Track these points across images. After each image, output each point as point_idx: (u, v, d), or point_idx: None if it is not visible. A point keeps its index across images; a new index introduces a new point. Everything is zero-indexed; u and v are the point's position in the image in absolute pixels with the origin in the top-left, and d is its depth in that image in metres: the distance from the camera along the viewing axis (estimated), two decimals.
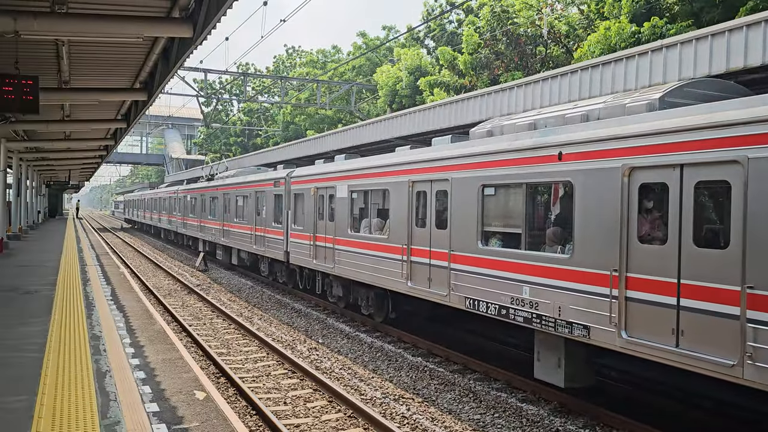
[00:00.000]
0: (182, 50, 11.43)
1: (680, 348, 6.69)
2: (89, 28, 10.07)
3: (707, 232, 7.06)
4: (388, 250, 12.48)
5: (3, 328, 9.31)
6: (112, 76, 15.30)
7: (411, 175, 11.81)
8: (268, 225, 19.71)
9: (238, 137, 63.63)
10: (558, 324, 8.27)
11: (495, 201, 10.01)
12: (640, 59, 12.70)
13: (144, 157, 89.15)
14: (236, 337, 13.38)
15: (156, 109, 72.66)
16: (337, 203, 14.90)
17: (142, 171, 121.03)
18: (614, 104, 8.40)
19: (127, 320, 11.50)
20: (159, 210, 44.09)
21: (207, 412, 6.67)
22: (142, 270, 25.21)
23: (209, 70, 32.57)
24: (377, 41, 45.38)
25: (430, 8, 37.16)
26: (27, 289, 13.21)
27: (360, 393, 9.50)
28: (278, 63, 62.71)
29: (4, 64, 11.57)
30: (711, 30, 11.47)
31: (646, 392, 9.32)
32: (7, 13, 9.39)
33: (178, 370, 8.26)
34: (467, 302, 10.07)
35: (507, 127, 10.09)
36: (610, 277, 7.48)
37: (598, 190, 7.76)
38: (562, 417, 8.53)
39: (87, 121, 21.87)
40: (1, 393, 6.30)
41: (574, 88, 14.19)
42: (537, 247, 9.05)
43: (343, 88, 38.85)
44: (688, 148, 6.70)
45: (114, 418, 5.83)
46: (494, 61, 26.95)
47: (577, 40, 24.36)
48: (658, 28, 17.61)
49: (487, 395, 9.46)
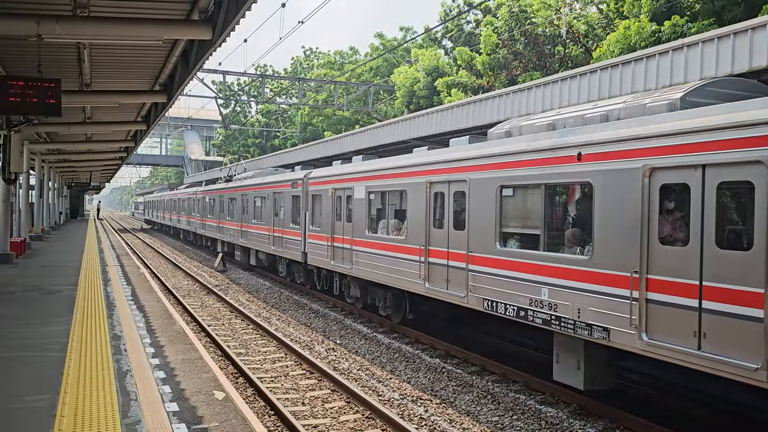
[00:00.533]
0: (201, 52, 11.52)
1: (702, 351, 6.60)
2: (110, 31, 10.18)
3: (730, 234, 6.96)
4: (406, 251, 12.46)
5: (26, 328, 9.45)
6: (133, 79, 15.47)
7: (429, 176, 11.79)
8: (286, 226, 19.79)
9: (257, 138, 64.00)
10: (577, 326, 8.20)
11: (513, 202, 9.96)
12: (661, 58, 12.56)
13: (163, 158, 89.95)
14: (254, 337, 13.45)
15: (175, 111, 73.31)
16: (355, 204, 14.92)
17: (161, 172, 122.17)
18: (634, 104, 8.32)
19: (147, 320, 11.61)
20: (178, 211, 44.47)
21: (226, 412, 6.71)
22: (161, 270, 25.44)
23: (228, 72, 32.78)
24: (395, 42, 45.40)
25: (447, 9, 37.10)
26: (49, 289, 13.39)
27: (378, 394, 9.50)
28: (296, 64, 63.00)
29: (28, 67, 11.75)
30: (733, 28, 11.31)
31: (667, 395, 9.20)
32: (30, 17, 9.52)
33: (197, 370, 8.32)
34: (485, 304, 10.03)
35: (525, 127, 10.03)
36: (631, 279, 7.40)
37: (618, 190, 7.68)
38: (581, 420, 8.45)
39: (108, 123, 22.12)
40: (25, 392, 6.39)
41: (594, 88, 14.07)
42: (556, 249, 8.98)
43: (360, 89, 38.92)
44: (710, 148, 6.61)
45: (135, 418, 5.88)
46: (512, 62, 26.82)
47: (596, 39, 24.17)
48: (679, 27, 17.41)
49: (506, 397, 9.41)
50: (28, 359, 7.68)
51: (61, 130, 21.81)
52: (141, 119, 21.25)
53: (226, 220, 28.45)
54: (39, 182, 30.73)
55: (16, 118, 16.35)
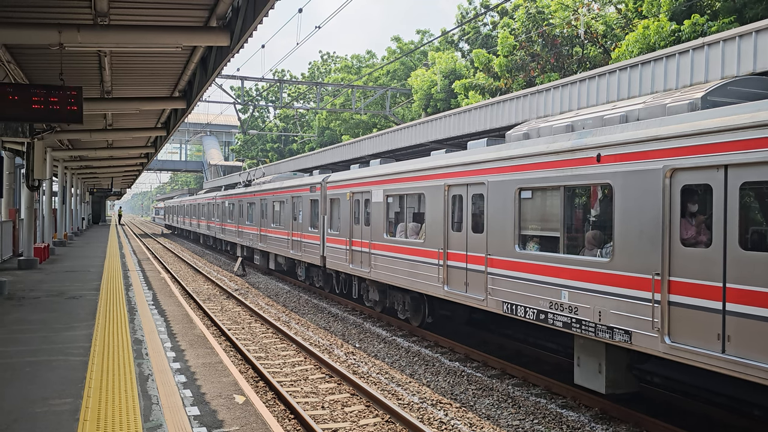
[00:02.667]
0: (219, 58, 11.61)
1: (726, 354, 6.50)
2: (130, 39, 10.32)
3: (753, 234, 6.85)
4: (424, 254, 12.44)
5: (50, 332, 9.58)
6: (152, 86, 15.65)
7: (447, 178, 11.76)
8: (305, 230, 19.86)
9: (275, 143, 64.34)
10: (598, 329, 8.12)
11: (532, 204, 9.90)
12: (681, 58, 12.41)
13: (183, 164, 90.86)
14: (274, 341, 13.50)
15: (194, 117, 74.20)
16: (373, 208, 14.93)
17: (181, 178, 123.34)
18: (654, 104, 8.23)
19: (168, 324, 11.72)
20: (198, 216, 44.84)
21: (246, 416, 6.74)
22: (182, 275, 25.66)
23: (246, 78, 32.99)
24: (411, 45, 45.39)
25: (464, 11, 37.03)
26: (72, 294, 13.57)
27: (397, 398, 9.49)
28: (313, 69, 63.25)
29: (50, 76, 11.94)
30: (755, 26, 11.14)
31: (690, 399, 9.07)
32: (52, 27, 9.69)
33: (217, 374, 8.37)
34: (505, 307, 9.97)
35: (544, 129, 9.97)
36: (652, 281, 7.31)
37: (638, 192, 7.60)
38: (603, 423, 8.37)
39: (128, 130, 22.37)
40: (49, 395, 6.48)
41: (613, 89, 13.94)
42: (575, 251, 8.91)
43: (377, 93, 38.96)
44: (732, 148, 6.52)
45: (156, 421, 5.93)
46: (530, 63, 26.68)
47: (615, 39, 23.96)
48: (699, 26, 17.20)
49: (526, 401, 9.34)
50: (52, 363, 7.79)
51: (83, 137, 22.10)
52: (161, 125, 21.48)
53: (246, 224, 28.63)
54: (62, 189, 31.16)
55: (39, 126, 16.62)
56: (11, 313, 11.21)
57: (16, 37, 10.22)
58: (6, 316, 10.98)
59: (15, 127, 16.28)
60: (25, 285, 15.07)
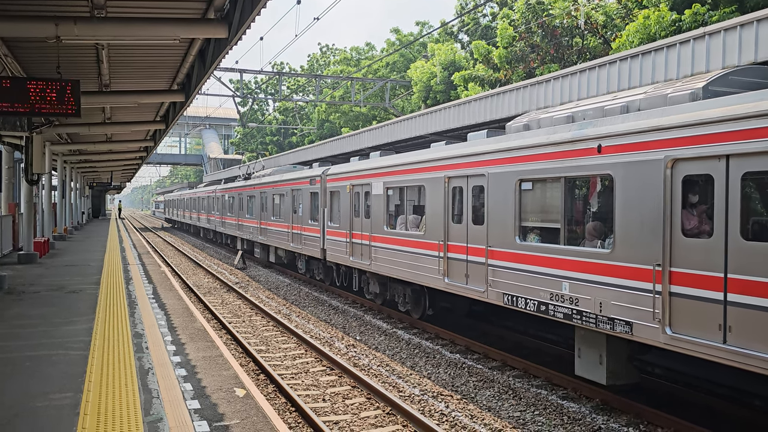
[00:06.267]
0: (218, 51, 11.55)
1: (728, 344, 6.49)
2: (127, 32, 10.25)
3: (755, 225, 6.81)
4: (425, 246, 12.42)
5: (50, 327, 9.57)
6: (151, 79, 15.57)
7: (447, 170, 11.73)
8: (305, 223, 19.84)
9: (274, 136, 64.21)
10: (599, 320, 8.11)
11: (532, 196, 9.87)
12: (682, 48, 12.34)
13: (182, 157, 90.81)
14: (275, 334, 13.50)
15: (193, 110, 74.10)
16: (373, 200, 14.90)
17: (181, 171, 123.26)
18: (655, 94, 8.18)
19: (168, 318, 11.70)
20: (198, 209, 44.82)
21: (247, 410, 6.73)
22: (182, 268, 25.65)
23: (245, 71, 32.90)
24: (411, 37, 45.21)
25: (463, 2, 36.84)
26: (72, 288, 13.55)
27: (398, 390, 9.49)
28: (312, 61, 63.03)
29: (47, 69, 11.87)
30: (756, 16, 11.07)
31: (691, 390, 9.07)
32: (48, 19, 9.62)
33: (218, 368, 8.35)
34: (505, 298, 9.96)
35: (544, 120, 9.93)
36: (653, 272, 7.29)
37: (639, 182, 7.57)
38: (604, 414, 8.37)
39: (127, 123, 22.31)
40: (50, 390, 6.47)
41: (613, 79, 13.87)
42: (576, 242, 8.89)
43: (377, 85, 38.84)
44: (734, 138, 6.48)
45: (157, 415, 5.92)
46: (530, 54, 26.57)
47: (615, 30, 23.83)
48: (700, 16, 17.10)
49: (527, 392, 9.34)
50: (52, 358, 7.78)
51: (82, 130, 22.04)
52: (160, 119, 21.41)
53: (246, 217, 28.61)
54: (61, 183, 31.13)
55: (37, 120, 16.55)
56: (11, 308, 11.20)
57: (13, 30, 10.15)
58: (6, 310, 10.97)
59: (13, 121, 16.21)
60: (25, 279, 15.06)
